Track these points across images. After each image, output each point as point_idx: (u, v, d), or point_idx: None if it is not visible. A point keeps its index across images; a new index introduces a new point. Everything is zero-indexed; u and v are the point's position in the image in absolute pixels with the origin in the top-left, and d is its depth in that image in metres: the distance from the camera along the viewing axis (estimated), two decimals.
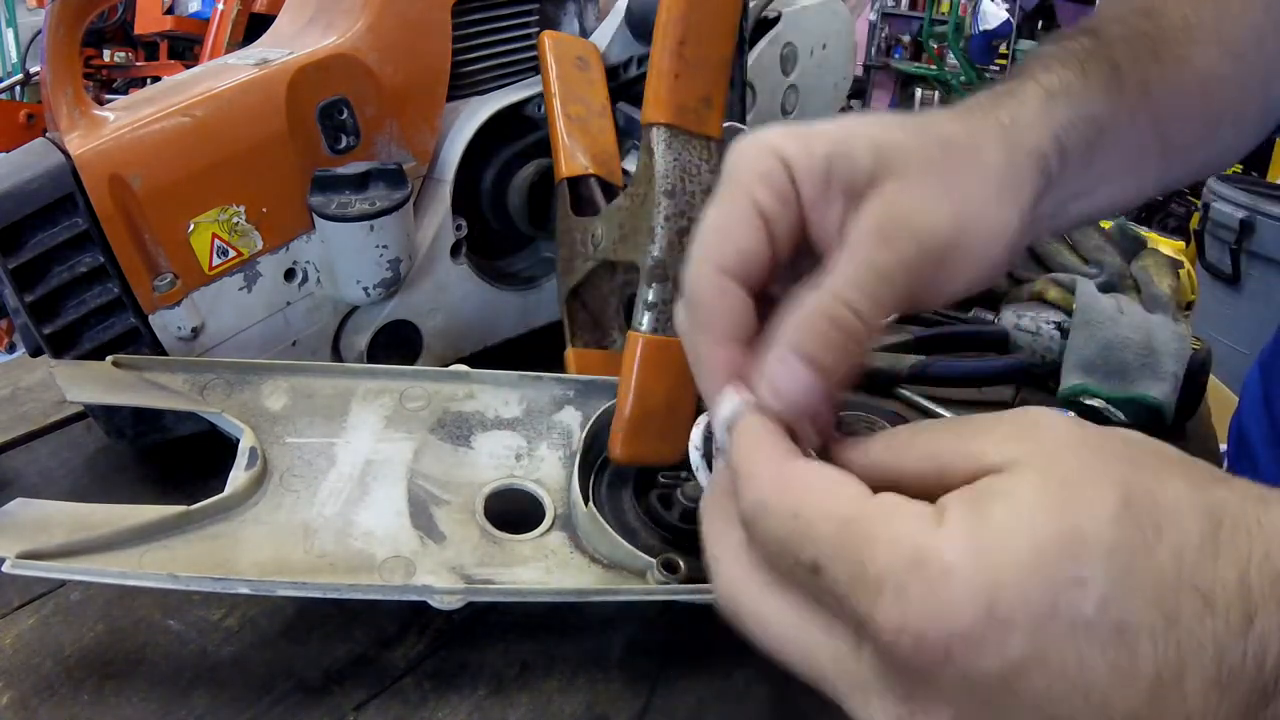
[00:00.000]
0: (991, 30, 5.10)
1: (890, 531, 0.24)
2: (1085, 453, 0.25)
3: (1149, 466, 0.25)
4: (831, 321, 0.30)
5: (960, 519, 0.24)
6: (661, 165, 0.51)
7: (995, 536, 0.23)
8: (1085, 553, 0.23)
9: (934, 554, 0.23)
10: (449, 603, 0.43)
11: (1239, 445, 0.74)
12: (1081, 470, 0.24)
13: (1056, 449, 0.25)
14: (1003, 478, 0.25)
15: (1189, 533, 0.23)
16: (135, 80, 3.51)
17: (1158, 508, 0.23)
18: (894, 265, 0.31)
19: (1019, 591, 0.23)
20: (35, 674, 0.43)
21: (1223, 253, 2.09)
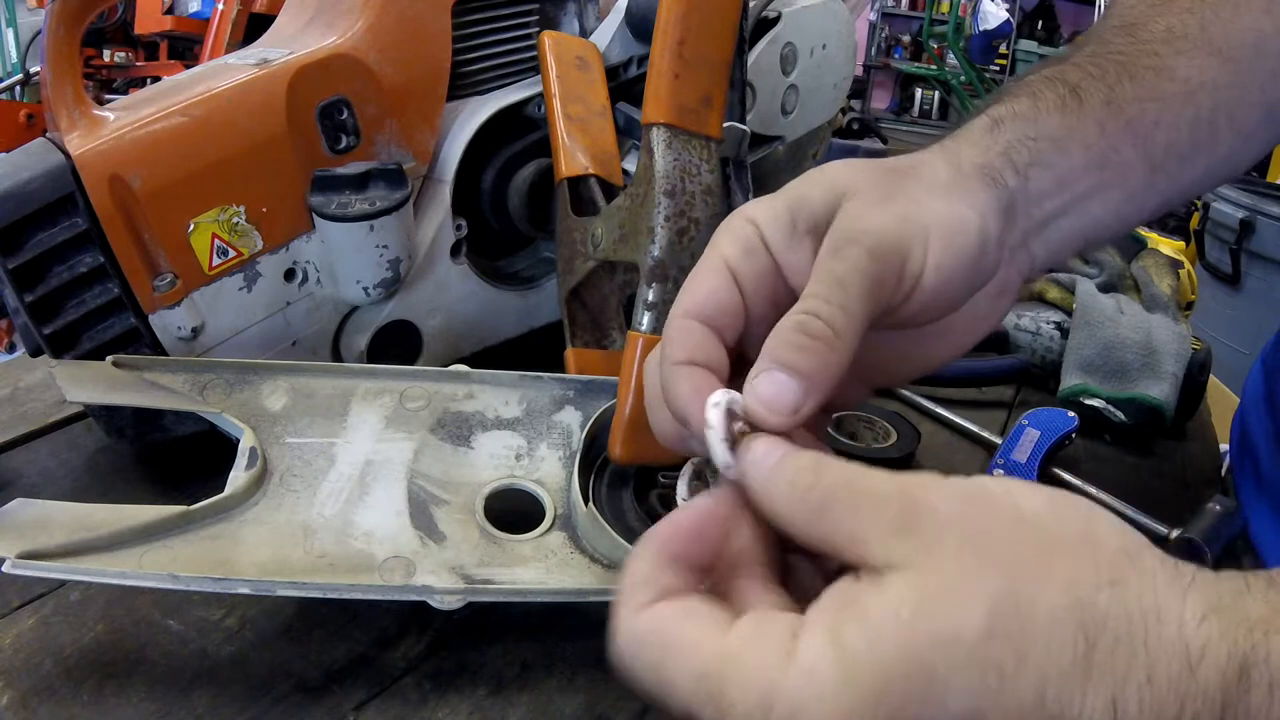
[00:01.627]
0: (991, 30, 5.10)
1: (742, 671, 0.25)
2: (964, 559, 0.24)
3: (1028, 573, 0.24)
4: (801, 329, 0.31)
5: (813, 652, 0.24)
6: (661, 165, 0.51)
7: (844, 674, 0.23)
8: (934, 693, 0.23)
9: (783, 697, 0.24)
10: (449, 603, 0.43)
11: (1241, 444, 0.74)
12: (946, 588, 0.24)
13: (933, 552, 0.24)
14: (868, 589, 0.25)
15: (1058, 656, 0.22)
16: (135, 80, 3.51)
17: (1022, 631, 0.23)
18: (847, 270, 0.33)
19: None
20: (35, 674, 0.43)
21: (1223, 253, 2.09)
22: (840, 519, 0.27)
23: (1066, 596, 0.23)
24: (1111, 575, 0.23)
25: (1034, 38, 5.87)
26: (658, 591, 0.28)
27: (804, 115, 0.86)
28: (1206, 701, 0.21)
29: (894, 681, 0.23)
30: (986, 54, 5.25)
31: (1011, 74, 5.86)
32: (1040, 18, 5.99)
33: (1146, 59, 0.42)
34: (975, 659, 0.23)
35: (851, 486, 0.27)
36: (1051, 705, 0.22)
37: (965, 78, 4.91)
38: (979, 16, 5.08)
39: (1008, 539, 0.25)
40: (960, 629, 0.23)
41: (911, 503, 0.26)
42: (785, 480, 0.28)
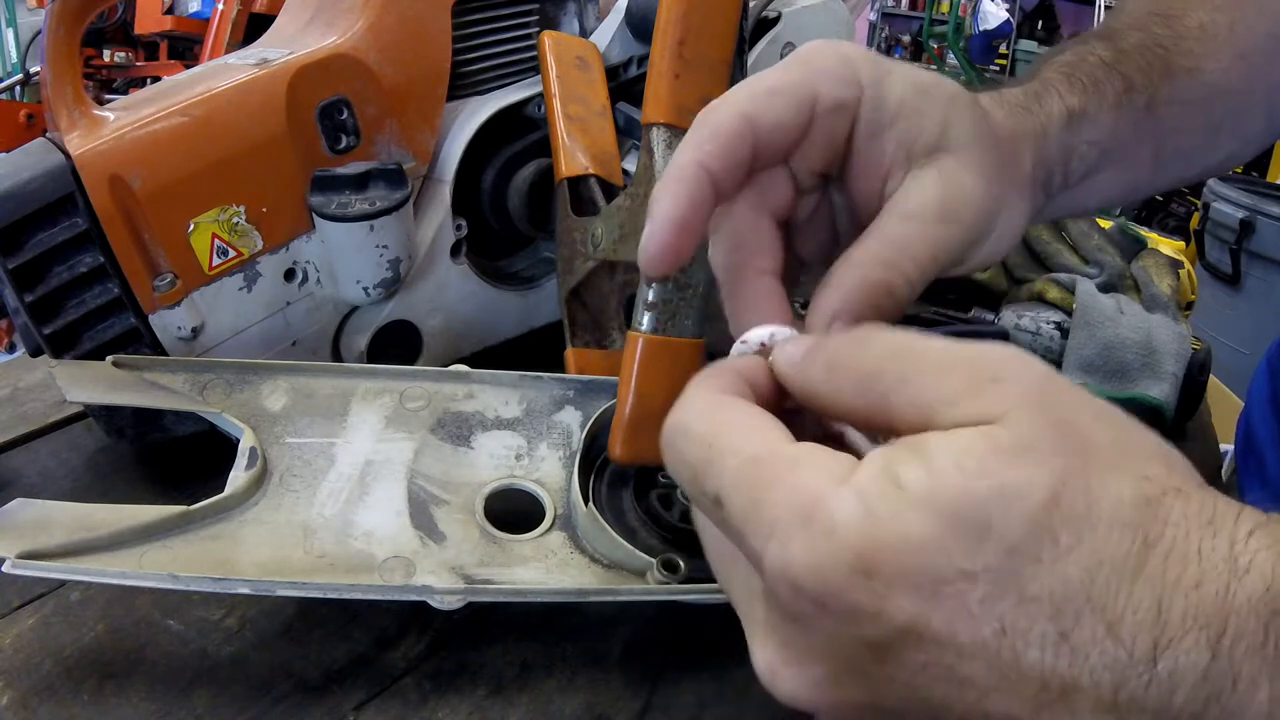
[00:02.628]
0: (991, 30, 5.10)
1: (793, 478, 0.24)
2: (1037, 424, 0.23)
3: (1102, 458, 0.23)
4: (888, 290, 0.31)
5: (868, 480, 0.23)
6: (661, 165, 0.51)
7: (895, 506, 0.22)
8: (982, 548, 0.22)
9: (825, 509, 0.23)
10: (449, 603, 0.43)
11: (1246, 444, 0.74)
12: (1021, 447, 0.22)
13: (1009, 411, 0.23)
14: (934, 438, 0.23)
15: (1115, 547, 0.22)
16: (135, 80, 3.51)
17: (1087, 513, 0.22)
18: (948, 246, 0.32)
19: (901, 568, 0.22)
20: (35, 674, 0.43)
21: (1223, 253, 2.09)
22: (897, 389, 0.25)
23: (1136, 491, 0.22)
24: (1179, 483, 0.23)
25: (1034, 38, 5.87)
26: (738, 389, 0.28)
27: None
28: (1252, 610, 0.21)
29: (944, 522, 0.22)
30: (986, 54, 5.25)
31: (1012, 74, 5.86)
32: (1040, 18, 5.99)
33: (1183, 58, 0.42)
34: (1033, 523, 0.22)
35: (906, 351, 0.26)
36: (1098, 591, 0.21)
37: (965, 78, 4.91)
38: (979, 16, 5.08)
39: (1088, 422, 0.24)
40: (1026, 489, 0.22)
41: (986, 368, 0.24)
42: (824, 361, 0.27)
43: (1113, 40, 0.42)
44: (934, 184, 0.33)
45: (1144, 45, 0.42)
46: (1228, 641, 0.21)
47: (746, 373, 0.29)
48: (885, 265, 0.31)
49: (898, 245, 0.32)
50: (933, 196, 0.32)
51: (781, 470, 0.24)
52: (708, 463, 0.26)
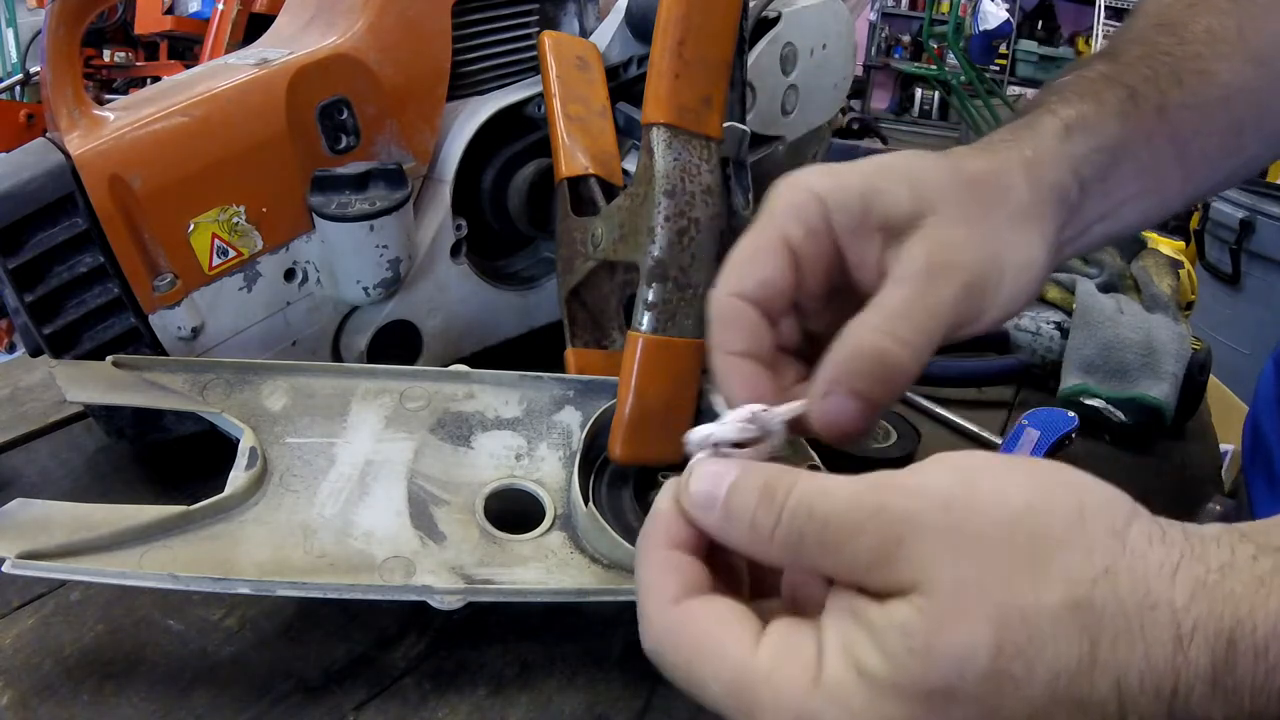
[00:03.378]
0: (991, 30, 5.09)
1: (772, 694, 0.26)
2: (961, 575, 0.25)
3: (1027, 576, 0.24)
4: (881, 360, 0.32)
5: (837, 681, 0.25)
6: (661, 165, 0.51)
7: (868, 698, 0.24)
8: (951, 708, 0.24)
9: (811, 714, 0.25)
10: (449, 603, 0.43)
11: (1254, 444, 0.74)
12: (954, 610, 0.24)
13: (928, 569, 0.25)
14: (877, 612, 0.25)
15: (1065, 658, 0.24)
16: (135, 80, 3.50)
17: (1032, 640, 0.24)
18: (942, 303, 0.33)
19: None
20: (35, 674, 0.43)
21: (1223, 253, 2.09)
22: (819, 558, 0.27)
23: (1065, 597, 0.24)
24: (1105, 564, 0.24)
25: (1034, 38, 5.87)
26: (683, 583, 0.29)
27: (804, 115, 0.86)
28: (1199, 674, 0.23)
29: (916, 702, 0.24)
30: (986, 54, 5.25)
31: (1012, 74, 5.86)
32: (1040, 18, 5.99)
33: (1192, 61, 0.42)
34: (989, 674, 0.24)
35: (815, 515, 0.27)
36: (1062, 695, 0.24)
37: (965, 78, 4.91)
38: (979, 16, 5.08)
39: (1000, 543, 0.25)
40: (972, 650, 0.24)
41: (889, 526, 0.26)
42: (745, 523, 0.28)
43: (1113, 57, 0.42)
44: (918, 246, 0.34)
45: (1147, 55, 0.42)
46: (1181, 698, 0.23)
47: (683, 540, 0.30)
48: (878, 332, 0.32)
49: (888, 310, 0.33)
50: (918, 257, 0.33)
51: (761, 690, 0.26)
52: (696, 686, 0.28)
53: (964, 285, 0.33)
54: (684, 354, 0.52)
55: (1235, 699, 0.23)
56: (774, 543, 0.27)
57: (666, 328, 0.51)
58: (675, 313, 0.51)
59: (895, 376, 0.32)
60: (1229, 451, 1.04)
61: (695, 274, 0.52)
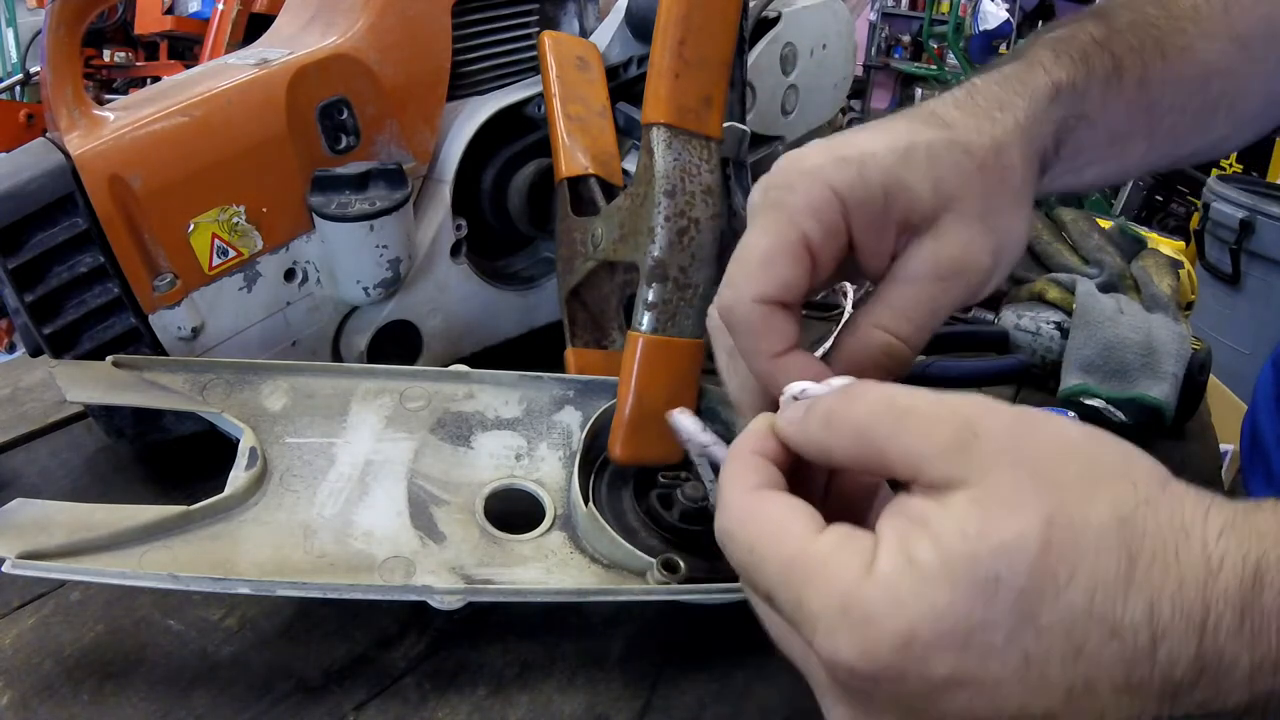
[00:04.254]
0: (991, 30, 5.09)
1: (824, 575, 0.27)
2: (1016, 479, 0.26)
3: (1075, 493, 0.26)
4: (888, 353, 0.34)
5: (889, 566, 0.26)
6: (661, 165, 0.51)
7: (916, 585, 0.26)
8: (996, 599, 0.25)
9: (859, 602, 0.26)
10: (449, 603, 0.43)
11: (1252, 444, 0.74)
12: (1009, 506, 0.26)
13: (989, 471, 0.26)
14: (933, 507, 0.27)
15: (1105, 569, 0.25)
16: (135, 80, 3.51)
17: (1077, 545, 0.25)
18: (949, 302, 0.35)
19: (934, 631, 0.25)
20: (35, 674, 0.43)
21: (1223, 253, 2.09)
22: (890, 441, 0.28)
23: (1112, 514, 0.26)
24: (1147, 496, 0.26)
25: None
26: (762, 478, 0.31)
27: (804, 115, 0.86)
28: (1228, 603, 0.24)
29: (962, 589, 0.25)
30: (986, 54, 5.24)
31: None
32: (1040, 18, 5.98)
33: (1177, 36, 0.42)
34: (1035, 569, 0.25)
35: (897, 407, 0.29)
36: (1098, 610, 0.25)
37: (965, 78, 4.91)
38: (979, 16, 5.07)
39: (1057, 461, 0.27)
40: (1022, 543, 0.25)
41: (966, 424, 0.27)
42: (820, 419, 0.30)
43: (1105, 19, 0.42)
44: (930, 247, 0.35)
45: (1136, 24, 0.42)
46: (1210, 628, 0.24)
47: (770, 452, 0.32)
48: (884, 330, 0.35)
49: (895, 308, 0.35)
50: (928, 259, 0.35)
51: (814, 570, 0.27)
52: (754, 567, 0.29)
53: (968, 286, 0.35)
54: (684, 354, 0.52)
55: (1263, 638, 0.24)
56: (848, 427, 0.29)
57: (666, 328, 0.51)
58: (675, 313, 0.51)
59: (899, 366, 0.35)
60: (1229, 451, 1.04)
61: (695, 274, 0.52)
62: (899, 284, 0.35)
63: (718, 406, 0.56)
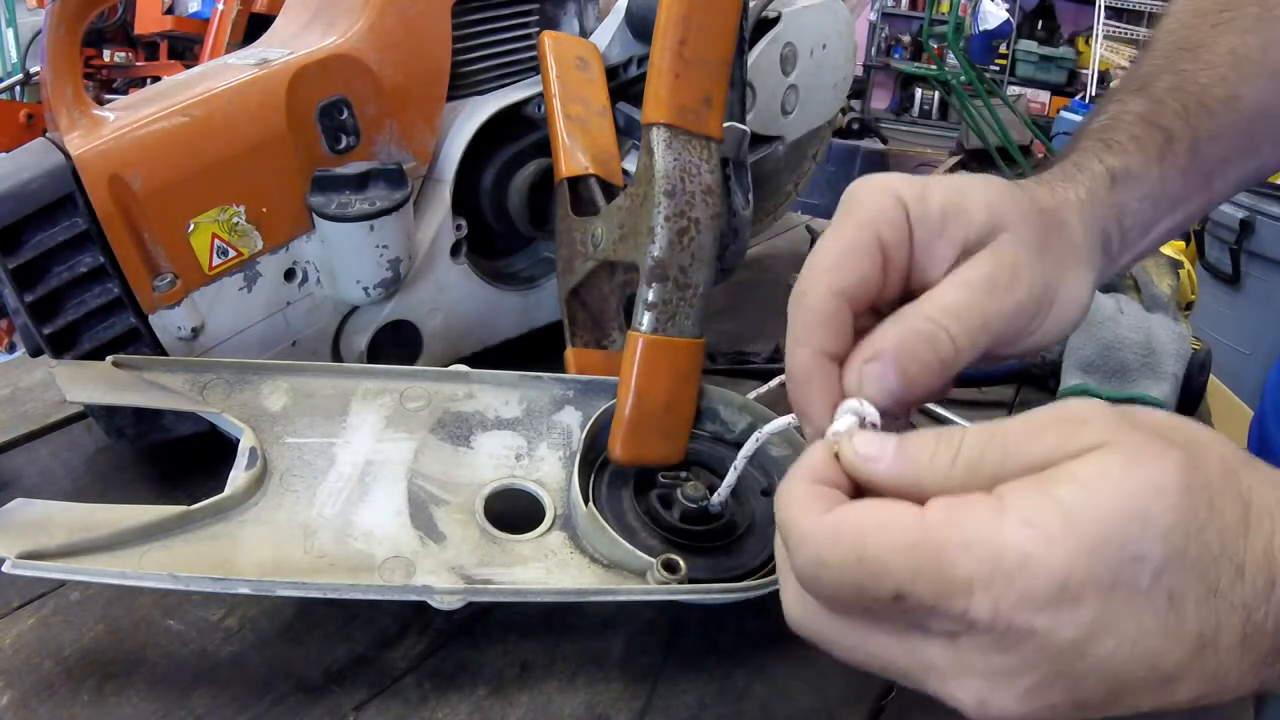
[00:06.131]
0: (991, 30, 5.09)
1: (962, 538, 0.26)
2: (1143, 434, 0.27)
3: (1193, 449, 0.27)
4: (932, 344, 0.33)
5: (1031, 508, 0.26)
6: (661, 165, 0.51)
7: (1065, 523, 0.25)
8: (1146, 533, 0.25)
9: (1009, 548, 0.26)
10: (449, 603, 0.43)
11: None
12: (1145, 452, 0.26)
13: (1118, 433, 0.27)
14: (1066, 464, 0.27)
15: (1229, 513, 0.26)
16: (135, 80, 3.51)
17: (1208, 487, 0.26)
18: (997, 313, 0.34)
19: (1087, 569, 0.25)
20: (35, 674, 0.43)
21: (1223, 253, 2.09)
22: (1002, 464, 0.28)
23: (1224, 468, 0.27)
24: (1246, 459, 0.28)
25: (1034, 38, 5.86)
26: (830, 500, 0.30)
27: (804, 115, 0.86)
28: None
29: (1115, 523, 0.25)
30: (986, 54, 5.24)
31: (1012, 74, 5.86)
32: (1040, 18, 5.98)
33: (1219, 87, 0.43)
34: (1180, 505, 0.26)
35: (994, 433, 0.29)
36: (1227, 550, 0.26)
37: (965, 78, 4.91)
38: (979, 16, 5.07)
39: (1165, 428, 0.28)
40: (1165, 479, 0.26)
41: (1070, 421, 0.28)
42: (923, 465, 0.29)
43: (1145, 91, 0.43)
44: (986, 260, 0.35)
45: (1177, 87, 0.43)
46: None
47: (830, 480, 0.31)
48: (931, 321, 0.34)
49: (945, 306, 0.34)
50: (984, 270, 0.35)
51: (946, 537, 0.26)
52: (873, 575, 0.27)
53: (1018, 304, 0.35)
54: (684, 354, 0.52)
55: None
56: (955, 467, 0.29)
57: (666, 328, 0.51)
58: (675, 313, 0.51)
59: (937, 365, 0.33)
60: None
61: (695, 274, 0.52)
62: (951, 287, 0.35)
63: (718, 406, 0.56)
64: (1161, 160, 0.41)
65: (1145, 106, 0.42)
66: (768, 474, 0.54)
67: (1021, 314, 0.35)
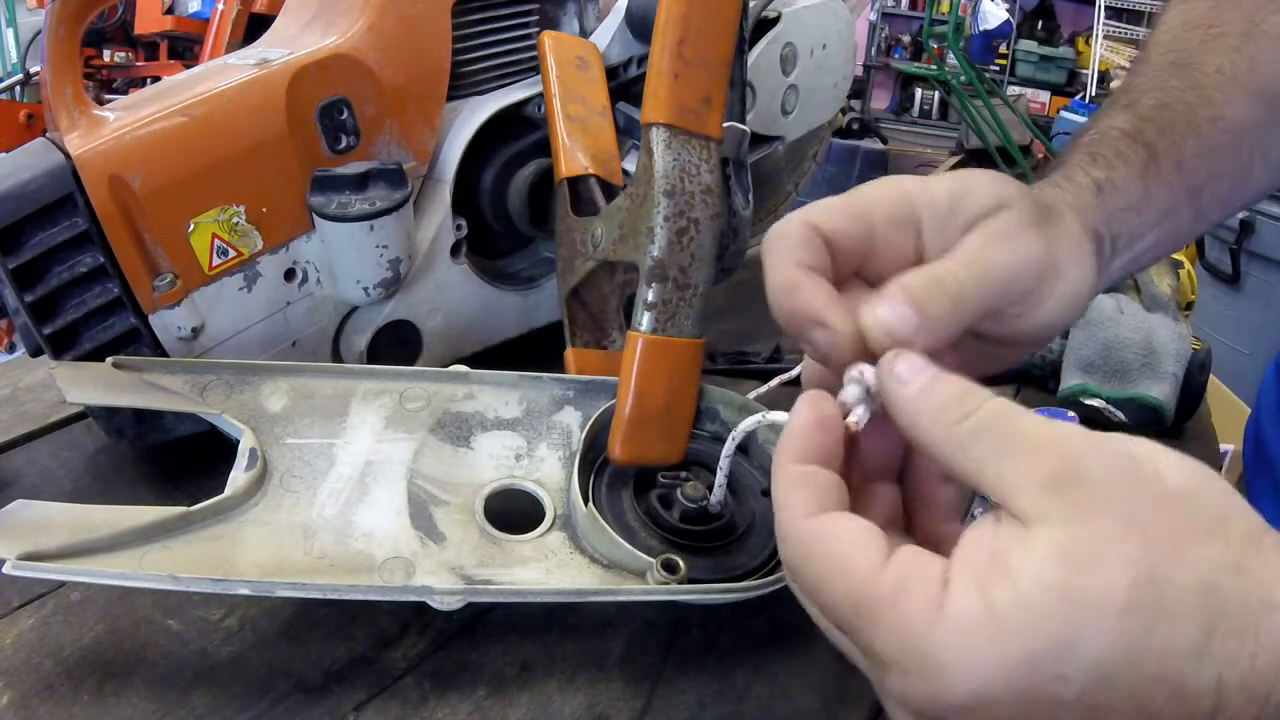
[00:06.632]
0: (991, 30, 5.08)
1: (895, 617, 0.27)
2: (1110, 529, 0.25)
3: (1168, 548, 0.25)
4: (938, 282, 0.34)
5: (961, 610, 0.26)
6: (661, 165, 0.51)
7: (992, 633, 0.25)
8: (1074, 656, 0.25)
9: (932, 651, 0.26)
10: (449, 603, 0.43)
11: (1256, 450, 0.73)
12: (1096, 560, 0.25)
13: (1083, 516, 0.26)
14: (1015, 546, 0.26)
15: (1182, 636, 0.25)
16: (135, 80, 3.51)
17: (1159, 607, 0.25)
18: (1000, 264, 0.35)
19: (1007, 684, 0.25)
20: (35, 674, 0.43)
21: (1223, 253, 2.09)
22: (990, 458, 0.28)
23: (1197, 580, 0.25)
24: (1238, 560, 0.25)
25: (1034, 38, 5.86)
26: (816, 498, 0.30)
27: (804, 115, 0.86)
28: None
29: (1039, 640, 0.25)
30: (986, 54, 5.23)
31: (1012, 74, 5.86)
32: (1040, 18, 5.98)
33: (1205, 108, 0.43)
34: (1114, 628, 0.25)
35: (1009, 426, 0.28)
36: (1169, 674, 0.25)
37: (965, 78, 4.91)
38: (979, 16, 5.07)
39: (1151, 513, 0.26)
40: (1104, 599, 0.25)
41: (1068, 460, 0.27)
42: (934, 405, 0.30)
43: (1133, 107, 0.44)
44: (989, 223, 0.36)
45: (1164, 104, 0.43)
46: (1272, 706, 0.24)
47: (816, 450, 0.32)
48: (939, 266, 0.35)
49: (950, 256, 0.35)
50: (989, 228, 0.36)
51: (885, 610, 0.27)
52: (825, 605, 0.29)
53: (1020, 260, 0.35)
54: (684, 354, 0.52)
55: None
56: (959, 428, 0.29)
57: (666, 328, 0.51)
58: (675, 313, 0.51)
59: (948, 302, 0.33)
60: (1229, 452, 1.04)
61: (695, 274, 0.52)
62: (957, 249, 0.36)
63: (718, 406, 0.56)
64: (1144, 175, 0.42)
65: (1130, 124, 0.43)
66: (767, 474, 0.54)
67: (1025, 273, 0.36)
